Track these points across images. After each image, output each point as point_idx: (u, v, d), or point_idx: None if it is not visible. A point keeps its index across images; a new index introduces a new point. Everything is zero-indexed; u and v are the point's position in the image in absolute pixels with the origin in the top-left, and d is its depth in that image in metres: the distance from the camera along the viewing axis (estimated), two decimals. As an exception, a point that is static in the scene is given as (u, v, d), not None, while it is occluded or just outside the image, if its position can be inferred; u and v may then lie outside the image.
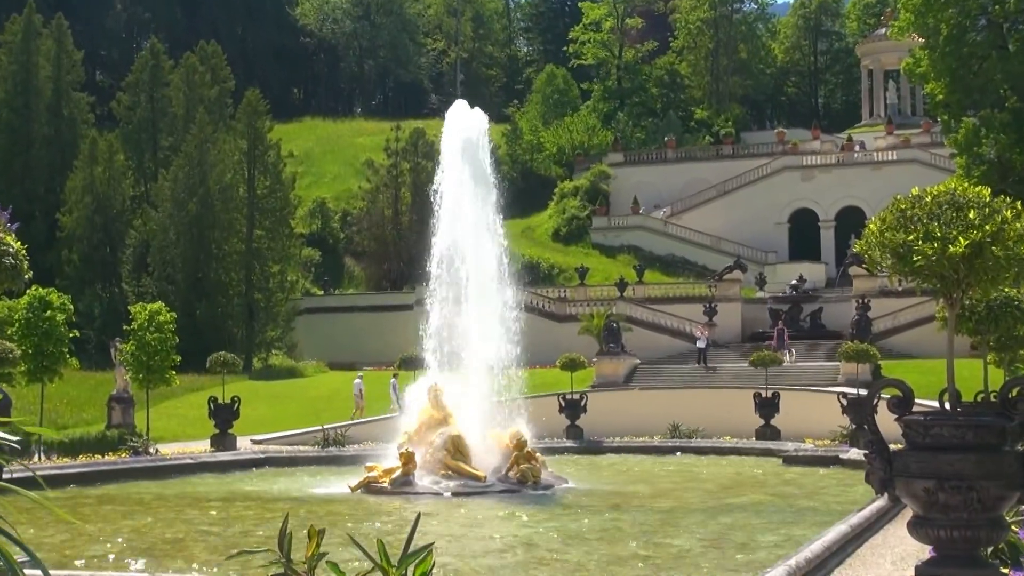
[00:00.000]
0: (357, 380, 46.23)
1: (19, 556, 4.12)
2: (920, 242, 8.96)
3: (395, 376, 43.40)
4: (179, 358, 35.52)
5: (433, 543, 5.22)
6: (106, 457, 29.92)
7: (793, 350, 53.50)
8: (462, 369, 28.14)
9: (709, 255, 79.03)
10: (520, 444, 26.72)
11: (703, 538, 18.09)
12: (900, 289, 57.14)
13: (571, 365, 40.60)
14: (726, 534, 18.53)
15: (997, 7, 49.78)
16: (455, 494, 24.89)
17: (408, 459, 25.77)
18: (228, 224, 65.20)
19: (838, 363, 46.74)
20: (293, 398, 50.92)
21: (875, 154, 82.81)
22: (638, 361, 53.47)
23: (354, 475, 27.13)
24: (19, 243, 12.33)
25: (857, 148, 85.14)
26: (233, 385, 43.47)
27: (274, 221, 66.63)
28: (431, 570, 5.03)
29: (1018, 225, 9.03)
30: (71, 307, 33.70)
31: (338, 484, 26.86)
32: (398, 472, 25.67)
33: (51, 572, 4.60)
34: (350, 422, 38.78)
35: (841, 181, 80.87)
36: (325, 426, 36.57)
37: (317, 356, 63.51)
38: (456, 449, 26.27)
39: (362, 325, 68.50)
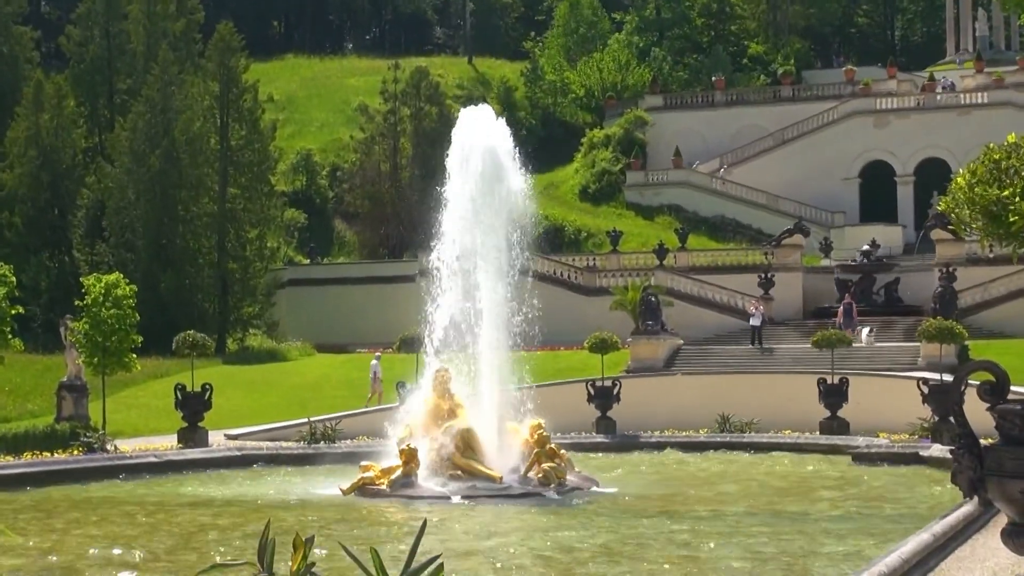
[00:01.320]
0: (374, 362, 46.45)
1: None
2: (1018, 199, 8.88)
3: (378, 359, 43.79)
4: (140, 339, 35.58)
5: (440, 556, 5.21)
6: (55, 455, 30.02)
7: (868, 329, 53.07)
8: (473, 352, 28.16)
9: (765, 216, 78.79)
10: (542, 439, 26.75)
11: (758, 551, 18.09)
12: (992, 256, 56.88)
13: (601, 346, 40.56)
14: (785, 546, 18.53)
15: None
16: (465, 498, 24.93)
17: (410, 457, 25.83)
18: (197, 181, 65.24)
19: (918, 343, 46.57)
20: (274, 385, 51.08)
21: (962, 96, 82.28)
22: (681, 341, 53.41)
23: (346, 476, 27.19)
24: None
25: (941, 89, 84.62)
26: (204, 370, 43.56)
27: (251, 178, 66.64)
28: (439, 587, 5.02)
29: None
30: (13, 279, 33.78)
31: (328, 486, 26.95)
32: (398, 472, 25.74)
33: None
34: (341, 414, 38.86)
35: (922, 128, 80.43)
36: (312, 418, 36.66)
37: (302, 336, 63.65)
38: (466, 445, 26.30)
39: (356, 300, 68.61)
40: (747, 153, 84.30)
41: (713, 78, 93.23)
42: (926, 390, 34.17)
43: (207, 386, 34.91)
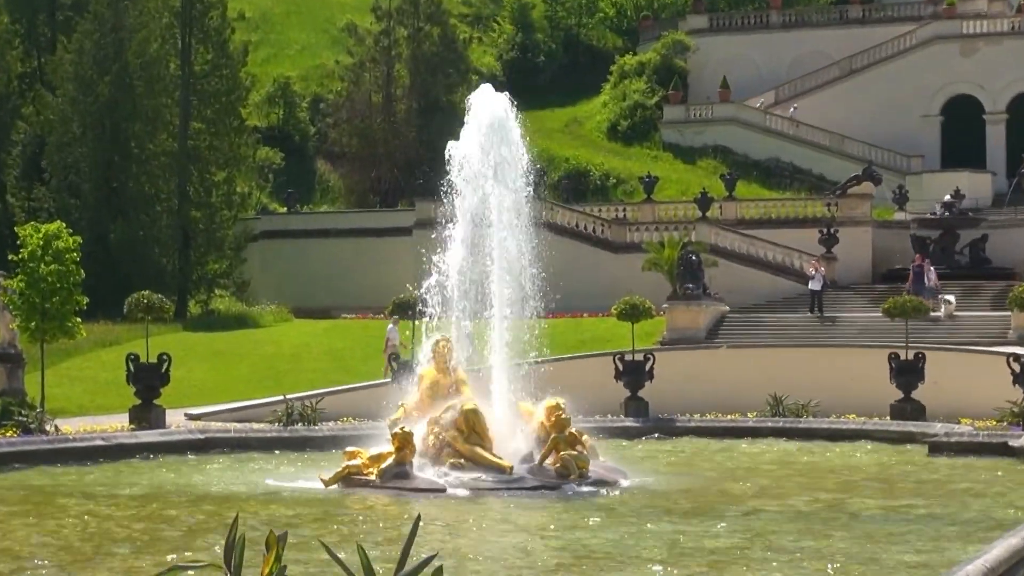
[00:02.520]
0: (391, 327, 46.49)
1: None
2: None
3: (396, 322, 44.24)
4: (86, 300, 35.60)
5: (436, 556, 5.21)
6: (-14, 436, 30.14)
7: (949, 298, 52.66)
8: (481, 319, 28.19)
9: (828, 160, 78.62)
10: (561, 423, 26.74)
11: (815, 560, 18.10)
12: (1098, 209, 56.70)
13: (632, 313, 40.53)
14: (847, 551, 18.53)
15: None
16: (469, 491, 25.00)
17: (404, 442, 25.84)
18: (154, 113, 65.17)
19: (1008, 312, 46.51)
20: (244, 357, 51.20)
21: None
22: (726, 308, 53.40)
23: (328, 463, 27.25)
24: None
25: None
26: (161, 338, 43.60)
27: (218, 110, 66.56)
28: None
29: None
30: (-64, 229, 33.82)
31: (306, 476, 27.03)
32: (390, 460, 25.77)
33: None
34: (323, 390, 38.92)
35: (1016, 57, 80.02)
36: (288, 396, 36.73)
37: (278, 298, 63.76)
38: (471, 429, 26.32)
39: (341, 256, 68.63)
40: (808, 85, 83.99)
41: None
42: (1018, 368, 34.10)
43: (165, 356, 34.92)
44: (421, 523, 6.17)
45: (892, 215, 66.63)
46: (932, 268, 55.90)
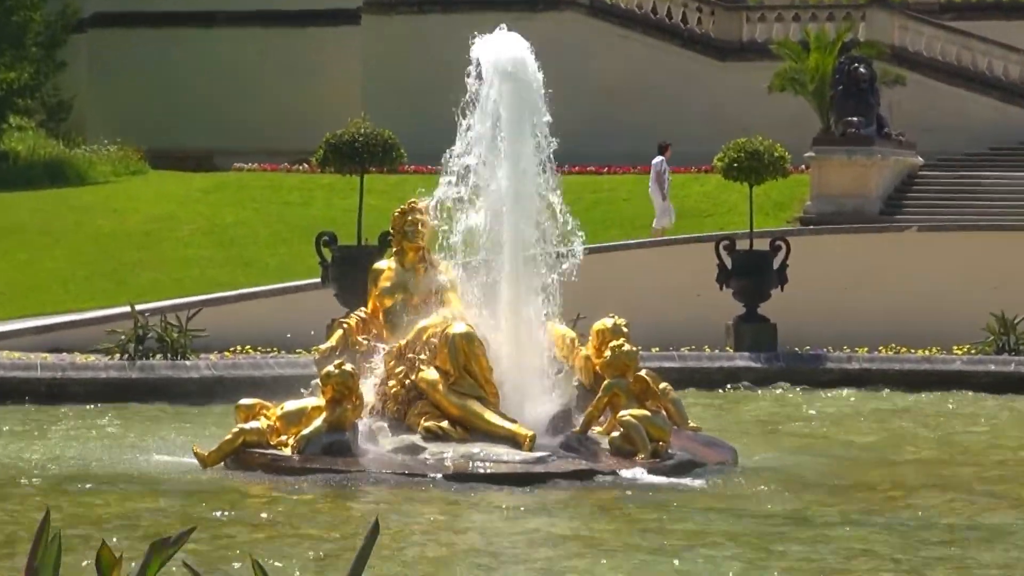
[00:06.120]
0: (659, 159, 47.16)
1: None
2: None
3: (664, 149, 44.93)
4: None
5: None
6: None
7: None
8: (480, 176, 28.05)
9: None
10: (621, 359, 26.55)
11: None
12: None
13: (750, 166, 40.49)
14: None
15: None
16: (455, 478, 24.85)
17: (344, 390, 25.71)
18: None
19: None
20: (62, 235, 51.39)
21: None
22: (919, 160, 53.45)
23: (211, 427, 27.31)
24: None
25: None
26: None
27: None
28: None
29: None
30: None
31: (173, 446, 27.10)
32: (318, 422, 25.72)
33: None
34: (199, 297, 39.02)
35: None
36: (139, 306, 36.83)
37: (122, 134, 63.97)
38: (462, 368, 26.22)
39: (234, 60, 68.62)
40: None
41: None
42: None
43: (-79, 234, 35.15)
44: (379, 535, 6.06)
45: None
46: None
